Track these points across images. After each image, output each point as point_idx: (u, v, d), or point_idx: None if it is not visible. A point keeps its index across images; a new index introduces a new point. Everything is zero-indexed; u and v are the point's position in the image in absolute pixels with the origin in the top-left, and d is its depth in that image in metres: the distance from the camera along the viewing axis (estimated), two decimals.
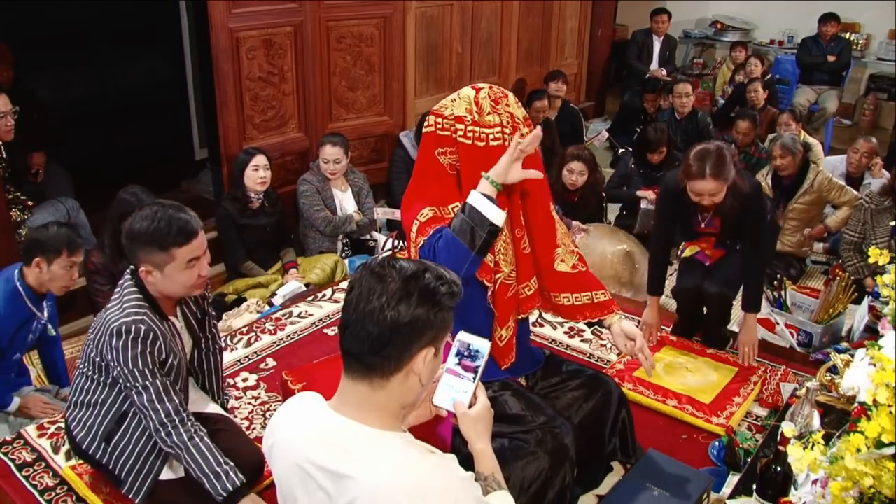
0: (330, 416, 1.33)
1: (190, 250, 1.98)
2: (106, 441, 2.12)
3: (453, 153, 1.98)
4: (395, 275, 1.28)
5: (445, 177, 2.00)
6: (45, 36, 4.84)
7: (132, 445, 2.11)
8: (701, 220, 3.03)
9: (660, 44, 7.14)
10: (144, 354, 1.96)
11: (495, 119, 1.95)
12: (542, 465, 1.99)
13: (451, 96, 2.02)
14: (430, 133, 2.01)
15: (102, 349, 2.01)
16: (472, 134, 1.94)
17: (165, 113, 5.57)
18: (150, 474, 2.12)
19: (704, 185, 2.74)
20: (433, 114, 2.02)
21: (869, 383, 1.48)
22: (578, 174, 4.31)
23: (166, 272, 1.98)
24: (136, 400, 2.00)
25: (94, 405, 2.13)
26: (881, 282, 1.85)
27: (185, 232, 1.96)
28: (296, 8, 4.43)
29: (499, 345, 2.09)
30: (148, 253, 1.96)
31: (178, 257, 1.96)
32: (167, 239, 1.94)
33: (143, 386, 1.97)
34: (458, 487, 1.29)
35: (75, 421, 2.18)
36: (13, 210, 3.59)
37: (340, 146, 4.20)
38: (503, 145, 1.93)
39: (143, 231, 1.95)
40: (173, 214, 1.97)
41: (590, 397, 2.27)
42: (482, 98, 1.96)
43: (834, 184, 4.35)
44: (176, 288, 2.04)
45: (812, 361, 3.05)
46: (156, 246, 1.94)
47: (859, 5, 7.19)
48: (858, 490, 1.41)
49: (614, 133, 6.65)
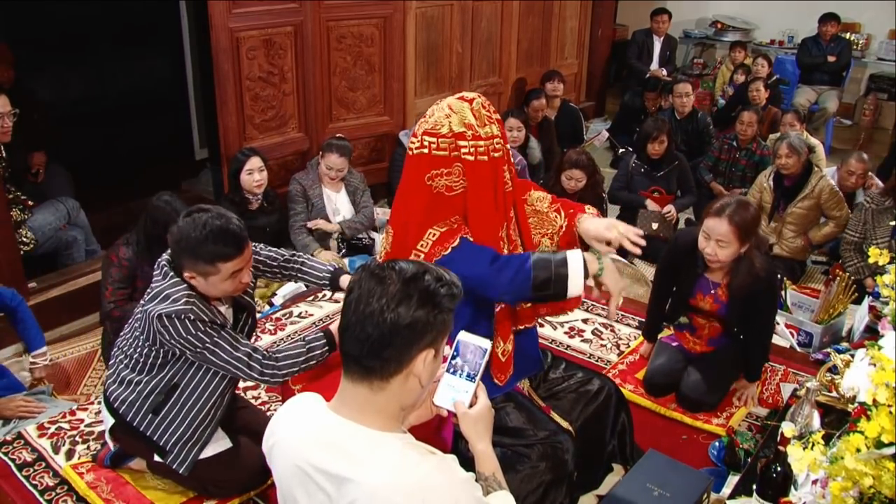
0: (330, 417, 1.33)
1: (235, 264, 2.03)
2: (153, 413, 2.16)
3: (450, 174, 1.89)
4: (395, 277, 1.28)
5: (440, 200, 1.90)
6: (45, 36, 4.84)
7: (182, 416, 2.16)
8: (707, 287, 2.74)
9: (660, 44, 7.14)
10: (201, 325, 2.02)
11: (494, 129, 1.90)
12: (543, 478, 1.99)
13: (441, 111, 1.90)
14: (422, 155, 1.90)
15: (153, 336, 2.05)
16: (475, 149, 1.87)
17: (165, 113, 5.56)
18: (198, 444, 2.19)
19: (717, 224, 2.52)
20: (426, 133, 1.90)
21: (869, 383, 1.48)
22: (577, 181, 4.30)
23: (210, 281, 2.04)
24: (214, 360, 2.05)
25: (139, 382, 2.16)
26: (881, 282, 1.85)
27: (232, 247, 2.01)
28: (296, 8, 4.42)
29: (500, 360, 2.07)
30: (194, 264, 2.01)
31: (224, 270, 2.02)
32: (214, 254, 1.99)
33: (213, 343, 2.03)
34: (458, 488, 1.29)
35: (118, 400, 2.20)
36: (13, 210, 3.58)
37: (346, 157, 4.17)
38: (502, 157, 1.91)
39: (191, 243, 1.99)
40: (222, 227, 2.00)
41: (591, 400, 2.27)
42: (477, 108, 1.89)
43: (834, 194, 4.31)
44: (217, 293, 2.09)
45: (812, 361, 3.05)
46: (202, 259, 2.00)
47: (859, 5, 7.18)
48: (858, 490, 1.41)
49: (614, 133, 6.65)
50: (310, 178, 4.21)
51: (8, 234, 3.45)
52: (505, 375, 2.09)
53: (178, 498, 2.31)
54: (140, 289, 3.15)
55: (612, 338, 3.35)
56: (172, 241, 2.05)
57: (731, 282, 2.65)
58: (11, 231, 3.49)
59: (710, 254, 2.58)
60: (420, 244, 1.89)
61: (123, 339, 2.24)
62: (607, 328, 3.42)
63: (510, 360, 2.09)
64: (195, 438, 2.19)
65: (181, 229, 2.02)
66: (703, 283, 2.75)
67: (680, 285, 2.81)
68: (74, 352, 3.46)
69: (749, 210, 2.57)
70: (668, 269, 2.88)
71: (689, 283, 2.77)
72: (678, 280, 2.82)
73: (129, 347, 2.18)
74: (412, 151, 1.93)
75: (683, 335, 2.91)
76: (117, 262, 3.08)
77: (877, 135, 7.04)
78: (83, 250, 3.99)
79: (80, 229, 3.99)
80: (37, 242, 3.69)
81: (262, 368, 2.07)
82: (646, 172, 4.77)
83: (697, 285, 2.76)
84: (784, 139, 4.38)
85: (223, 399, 2.22)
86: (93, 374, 3.35)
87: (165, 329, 2.01)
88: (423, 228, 1.90)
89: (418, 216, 1.91)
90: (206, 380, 2.16)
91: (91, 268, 3.89)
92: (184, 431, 2.17)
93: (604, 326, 3.43)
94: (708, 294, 2.74)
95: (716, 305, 2.74)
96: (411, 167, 1.94)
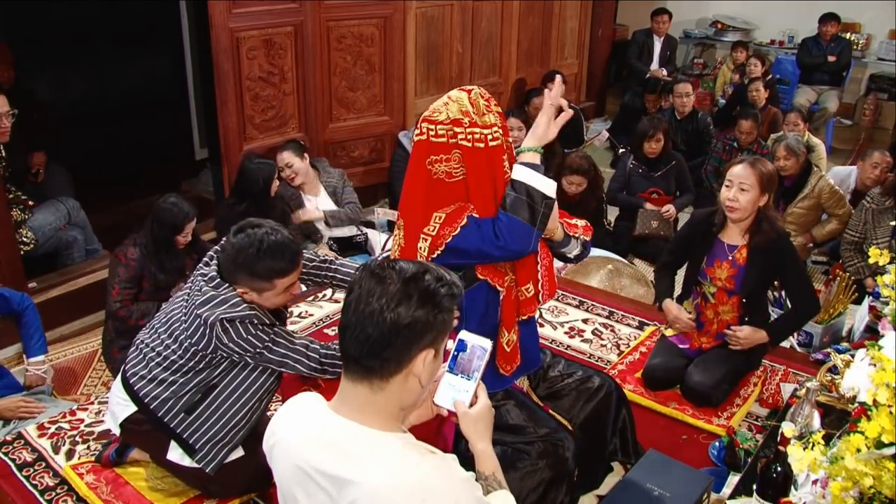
0: (330, 417, 1.33)
1: (290, 278, 2.08)
2: (187, 412, 2.16)
3: (449, 160, 1.92)
4: (395, 276, 1.27)
5: (440, 186, 1.94)
6: (45, 36, 4.84)
7: (217, 417, 2.16)
8: (724, 252, 2.73)
9: (660, 44, 7.15)
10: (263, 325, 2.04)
11: (492, 118, 1.92)
12: (543, 476, 1.99)
13: (441, 100, 1.96)
14: (422, 142, 1.95)
15: (206, 339, 2.04)
16: (471, 136, 1.90)
17: (166, 113, 5.57)
18: (228, 445, 2.19)
19: (740, 170, 2.62)
20: (425, 121, 1.95)
21: (869, 383, 1.48)
22: (577, 185, 4.31)
23: (264, 296, 2.07)
24: (272, 357, 2.07)
25: (175, 382, 2.15)
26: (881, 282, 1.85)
27: (289, 262, 2.04)
28: (296, 8, 4.43)
29: (505, 350, 2.07)
30: (251, 280, 2.04)
31: (279, 286, 2.06)
32: (272, 270, 2.02)
33: (272, 340, 2.05)
34: (458, 488, 1.29)
35: (149, 396, 2.18)
36: (14, 210, 3.59)
37: (292, 150, 4.08)
38: (500, 146, 1.92)
39: (248, 260, 2.01)
40: (279, 242, 2.02)
41: (591, 398, 2.27)
42: (475, 97, 1.92)
43: (834, 193, 4.31)
44: (268, 305, 2.12)
45: (812, 361, 3.04)
46: (259, 276, 2.03)
47: (859, 5, 7.19)
48: (858, 490, 1.41)
49: (614, 133, 6.65)
50: (289, 188, 4.14)
51: (8, 234, 3.45)
52: (511, 366, 2.09)
53: (178, 498, 2.30)
54: (146, 289, 3.17)
55: (612, 338, 3.35)
56: (227, 258, 2.05)
57: (752, 238, 2.70)
58: (11, 231, 3.49)
59: (731, 199, 2.64)
60: (427, 228, 1.91)
61: (151, 337, 2.22)
62: (607, 328, 3.42)
63: (516, 350, 2.09)
64: (227, 440, 2.19)
65: (237, 246, 2.02)
66: (720, 249, 2.77)
67: (695, 254, 2.84)
68: (74, 352, 3.47)
69: (767, 165, 2.67)
70: (685, 238, 2.92)
71: (706, 250, 2.79)
72: (693, 250, 2.85)
73: (164, 348, 2.16)
74: (417, 137, 1.97)
75: (691, 334, 2.90)
76: (125, 262, 3.10)
77: (877, 135, 7.04)
78: (83, 250, 4.00)
79: (80, 229, 3.99)
80: (37, 242, 3.70)
81: (321, 359, 2.09)
82: (643, 173, 4.76)
83: (714, 252, 2.78)
84: (782, 141, 4.39)
85: (260, 404, 2.21)
86: (93, 373, 3.35)
87: (225, 332, 2.01)
88: (428, 213, 1.93)
89: (421, 203, 1.95)
90: (246, 383, 2.16)
91: (91, 268, 3.90)
92: (216, 432, 2.17)
93: (604, 326, 3.43)
94: (725, 260, 2.75)
95: (732, 270, 2.73)
96: (414, 155, 1.98)
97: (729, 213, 2.68)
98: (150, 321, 2.31)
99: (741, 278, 2.73)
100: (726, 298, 2.78)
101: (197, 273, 2.17)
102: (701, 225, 2.83)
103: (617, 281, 4.02)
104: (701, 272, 2.81)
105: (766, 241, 2.67)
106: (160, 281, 3.17)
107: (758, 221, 2.69)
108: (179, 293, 2.24)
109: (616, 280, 4.02)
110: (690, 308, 2.90)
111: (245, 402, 2.17)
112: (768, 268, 2.71)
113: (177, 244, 3.17)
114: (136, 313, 3.12)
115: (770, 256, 2.69)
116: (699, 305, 2.87)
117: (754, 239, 2.70)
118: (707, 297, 2.83)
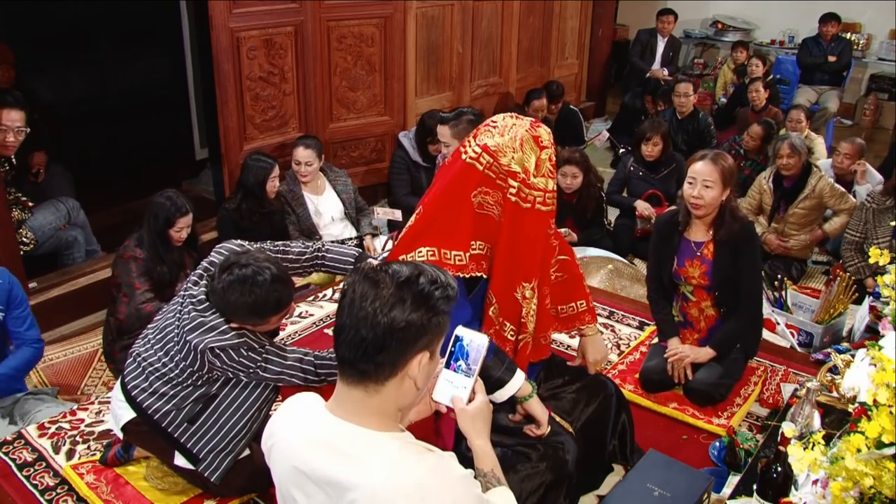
0: (328, 418, 1.33)
1: (282, 316, 2.12)
2: (189, 423, 2.17)
3: (490, 195, 1.88)
4: (389, 280, 1.26)
5: (469, 215, 1.89)
6: (46, 36, 4.85)
7: (218, 426, 2.17)
8: (691, 250, 2.75)
9: (664, 44, 7.13)
10: (253, 349, 2.07)
11: (549, 185, 1.90)
12: (543, 479, 1.99)
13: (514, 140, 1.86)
14: (472, 167, 1.88)
15: (200, 364, 2.06)
16: (521, 194, 1.87)
17: (166, 113, 5.57)
18: (231, 454, 2.19)
19: (702, 167, 2.62)
20: (485, 149, 1.87)
21: (869, 383, 1.48)
22: (572, 177, 4.29)
23: (258, 327, 2.10)
24: (268, 375, 2.09)
25: (176, 396, 2.16)
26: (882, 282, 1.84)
27: (281, 305, 2.07)
28: (296, 8, 4.43)
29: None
30: (244, 320, 2.07)
31: (272, 322, 2.10)
32: (265, 313, 2.05)
33: (264, 360, 2.06)
34: (457, 486, 1.29)
35: (151, 409, 2.18)
36: (14, 210, 3.59)
37: (313, 149, 4.11)
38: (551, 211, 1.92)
39: (242, 304, 2.02)
40: (269, 286, 2.01)
41: (591, 400, 2.27)
42: (545, 158, 1.89)
43: (836, 190, 4.31)
44: (260, 331, 2.13)
45: (813, 362, 3.04)
46: (254, 316, 2.05)
47: (860, 5, 7.18)
48: (859, 490, 1.41)
49: (615, 133, 6.65)
50: (290, 187, 4.15)
51: (8, 234, 3.45)
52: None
53: (178, 498, 2.30)
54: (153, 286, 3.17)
55: (613, 338, 3.35)
56: (217, 297, 2.04)
57: (716, 232, 2.71)
58: (11, 231, 3.49)
59: (695, 196, 2.64)
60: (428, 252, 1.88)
61: (148, 351, 2.22)
62: (607, 328, 3.42)
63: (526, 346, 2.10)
64: (229, 448, 2.19)
65: (226, 291, 2.01)
66: (687, 248, 2.78)
67: (665, 258, 2.83)
68: (74, 352, 3.46)
69: (728, 159, 2.69)
70: (657, 245, 2.89)
71: (673, 251, 2.80)
72: (663, 255, 2.85)
73: (161, 365, 2.17)
74: (468, 159, 1.90)
75: (683, 333, 2.91)
76: (132, 258, 3.11)
77: (877, 135, 7.04)
78: (83, 250, 4.00)
79: (80, 229, 3.99)
80: (37, 242, 3.70)
81: (317, 370, 2.09)
82: (644, 175, 4.76)
83: (682, 252, 2.79)
84: (785, 139, 4.37)
85: (260, 413, 2.21)
86: (93, 373, 3.35)
87: (217, 357, 2.03)
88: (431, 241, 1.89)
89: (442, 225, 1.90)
90: (245, 393, 2.17)
91: (91, 268, 3.90)
92: (218, 441, 2.18)
93: (604, 327, 3.43)
94: (694, 258, 2.76)
95: (703, 267, 2.75)
96: (460, 175, 1.91)
97: (694, 210, 2.69)
98: (144, 332, 2.32)
99: (712, 273, 2.74)
100: (705, 295, 2.80)
101: (186, 293, 2.16)
102: (665, 227, 2.84)
103: (617, 281, 4.02)
104: (674, 274, 2.82)
105: (731, 233, 2.69)
106: (163, 274, 3.17)
107: (721, 215, 2.70)
108: (171, 305, 2.24)
109: (616, 280, 4.02)
110: (676, 312, 2.91)
111: (245, 412, 2.18)
112: (735, 258, 2.72)
113: (171, 239, 3.16)
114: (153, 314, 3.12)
115: (737, 247, 2.70)
116: (682, 306, 2.88)
117: (719, 233, 2.71)
118: (687, 296, 2.85)
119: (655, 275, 2.93)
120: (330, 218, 4.26)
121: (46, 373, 3.25)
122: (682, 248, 2.80)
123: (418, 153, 4.78)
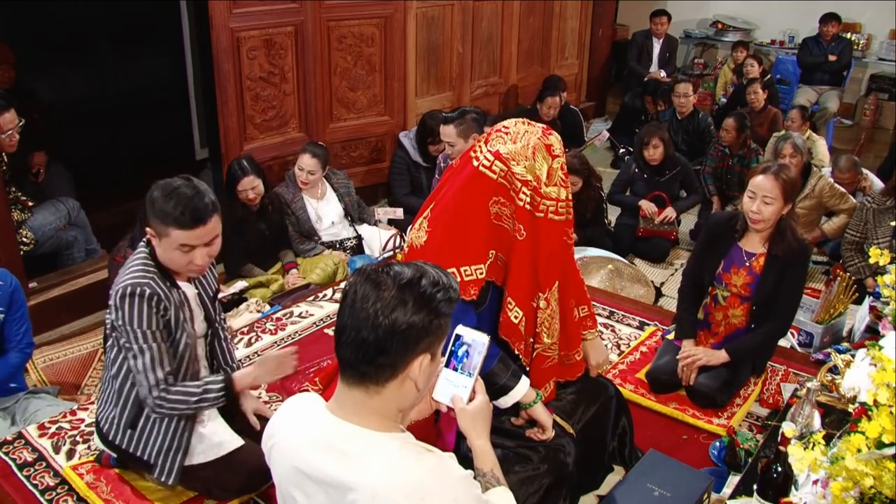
0: (328, 418, 1.33)
1: (184, 236, 2.01)
2: (131, 428, 2.16)
3: (506, 206, 1.87)
4: (391, 281, 1.25)
5: (485, 225, 1.88)
6: (46, 36, 4.85)
7: (157, 427, 2.15)
8: (742, 259, 2.72)
9: (659, 45, 7.13)
10: (150, 316, 2.02)
11: (562, 194, 1.89)
12: (543, 481, 1.99)
13: (527, 148, 1.86)
14: (485, 176, 1.86)
15: (113, 316, 2.05)
16: (534, 202, 1.87)
17: (166, 113, 5.57)
18: (180, 451, 2.17)
19: (763, 181, 2.58)
20: (497, 157, 1.85)
21: (870, 383, 1.48)
22: (573, 186, 4.30)
23: (162, 244, 2.05)
24: (133, 363, 2.04)
25: (114, 397, 2.17)
26: (882, 282, 1.84)
27: (185, 217, 1.99)
28: (296, 8, 4.43)
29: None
30: (153, 220, 2.03)
31: (172, 236, 2.01)
32: (167, 215, 2.00)
33: (140, 348, 2.02)
34: (456, 486, 1.29)
35: (102, 417, 2.21)
36: (14, 210, 3.59)
37: (319, 160, 4.06)
38: (565, 221, 1.91)
39: (156, 199, 2.01)
40: (188, 196, 1.99)
41: (591, 402, 2.27)
42: (557, 167, 1.88)
43: (835, 190, 4.31)
44: (170, 264, 2.09)
45: (813, 362, 3.04)
46: (159, 217, 2.01)
47: (860, 5, 7.18)
48: (859, 490, 1.41)
49: (615, 133, 6.65)
50: (289, 190, 4.13)
51: (8, 234, 3.45)
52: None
53: (178, 498, 2.30)
54: None
55: (613, 338, 3.35)
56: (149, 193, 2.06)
57: (772, 247, 2.68)
58: (12, 231, 3.49)
59: (755, 212, 2.61)
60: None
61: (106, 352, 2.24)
62: (607, 328, 3.42)
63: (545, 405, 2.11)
64: (175, 446, 2.16)
65: (159, 186, 2.04)
66: (738, 255, 2.75)
67: (713, 259, 2.80)
68: (74, 352, 3.46)
69: (791, 171, 2.67)
70: (706, 244, 2.85)
71: (723, 254, 2.76)
72: (710, 255, 2.81)
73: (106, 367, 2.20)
74: (481, 169, 1.88)
75: (699, 334, 2.89)
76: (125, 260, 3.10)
77: (877, 135, 7.03)
78: (83, 250, 4.00)
79: (80, 229, 3.99)
80: (37, 242, 3.69)
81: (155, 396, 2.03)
82: (648, 178, 4.76)
83: (731, 257, 2.75)
84: (787, 139, 4.36)
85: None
86: (93, 373, 3.35)
87: (119, 310, 2.01)
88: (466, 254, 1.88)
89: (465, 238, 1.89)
90: None
91: (91, 268, 3.90)
92: (162, 441, 2.16)
93: (604, 327, 3.43)
94: (742, 266, 2.73)
95: (749, 278, 2.72)
96: (475, 186, 1.88)
97: (752, 224, 2.66)
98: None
99: (756, 286, 2.71)
100: (738, 303, 2.77)
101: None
102: (719, 228, 2.80)
103: (617, 281, 4.02)
104: (717, 277, 2.79)
105: (787, 250, 2.65)
106: None
107: (780, 230, 2.66)
108: None
109: (616, 280, 4.02)
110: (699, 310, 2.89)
111: None
112: (783, 275, 2.68)
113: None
114: None
115: (787, 267, 2.66)
116: (708, 306, 2.86)
117: (775, 248, 2.67)
118: (718, 299, 2.82)
119: (694, 272, 2.90)
120: (330, 222, 4.26)
121: (46, 373, 3.25)
122: (733, 254, 2.76)
123: (419, 153, 4.78)
